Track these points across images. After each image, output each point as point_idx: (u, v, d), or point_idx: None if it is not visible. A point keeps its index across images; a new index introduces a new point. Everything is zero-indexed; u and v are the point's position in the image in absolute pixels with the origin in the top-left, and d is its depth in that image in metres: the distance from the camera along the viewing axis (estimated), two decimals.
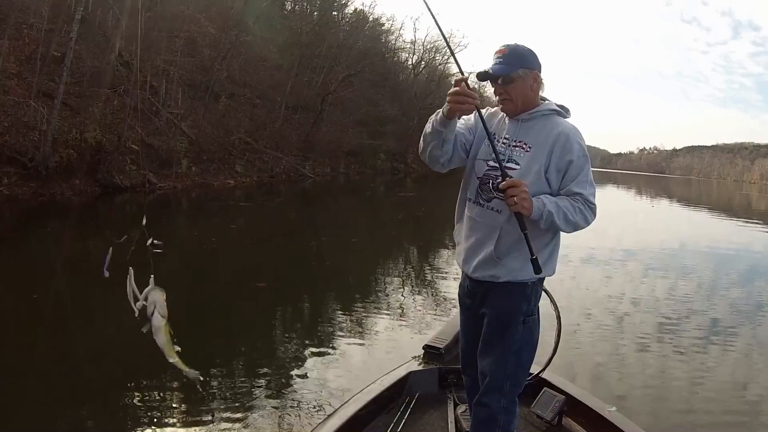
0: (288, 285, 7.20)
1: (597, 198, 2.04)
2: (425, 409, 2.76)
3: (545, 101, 2.08)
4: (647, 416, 3.98)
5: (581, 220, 1.97)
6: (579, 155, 1.99)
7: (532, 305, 2.08)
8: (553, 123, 2.03)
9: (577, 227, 1.99)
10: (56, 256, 8.18)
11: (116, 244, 1.60)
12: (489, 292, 2.08)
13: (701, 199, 45.65)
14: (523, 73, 2.00)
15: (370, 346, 5.14)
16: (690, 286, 8.79)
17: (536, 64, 2.04)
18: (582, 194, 1.97)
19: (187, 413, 3.62)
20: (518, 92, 2.02)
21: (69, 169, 13.39)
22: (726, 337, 6.11)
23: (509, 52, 2.00)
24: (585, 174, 2.00)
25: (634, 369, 5.00)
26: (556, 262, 2.13)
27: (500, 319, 2.06)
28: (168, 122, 16.60)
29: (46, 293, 6.00)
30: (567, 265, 9.37)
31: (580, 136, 2.03)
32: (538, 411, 2.75)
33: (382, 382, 2.80)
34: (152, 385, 3.94)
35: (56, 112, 12.98)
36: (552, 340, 2.92)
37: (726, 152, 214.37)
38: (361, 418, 2.53)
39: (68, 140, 13.50)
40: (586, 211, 1.97)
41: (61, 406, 3.65)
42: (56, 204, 12.02)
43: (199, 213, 13.98)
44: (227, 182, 18.60)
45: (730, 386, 4.78)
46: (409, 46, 45.84)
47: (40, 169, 12.61)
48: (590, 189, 2.00)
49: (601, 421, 2.60)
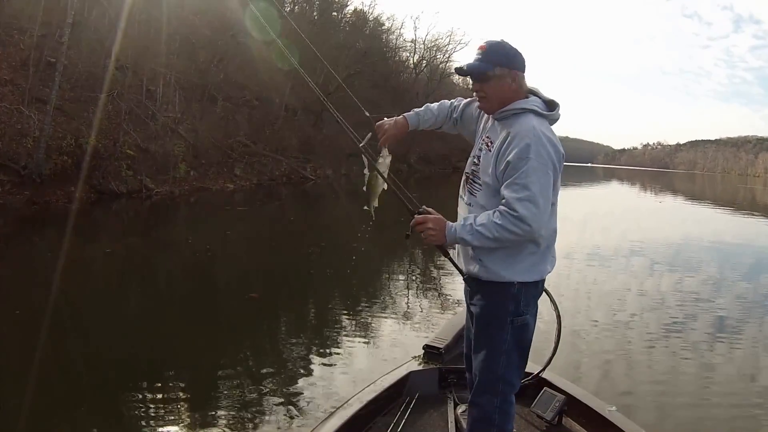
0: (286, 288, 7.09)
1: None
2: (425, 409, 2.75)
3: (528, 98, 2.00)
4: (651, 416, 3.95)
5: (506, 234, 1.86)
6: (518, 156, 1.86)
7: (522, 306, 2.01)
8: (518, 122, 1.94)
9: (504, 241, 1.89)
10: (51, 264, 7.85)
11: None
12: (477, 289, 2.08)
13: (706, 194, 45.34)
14: (501, 72, 1.96)
15: (371, 346, 5.14)
16: (699, 282, 8.73)
17: (517, 63, 1.99)
18: (507, 199, 1.86)
19: (188, 414, 3.65)
20: (494, 91, 1.98)
21: (63, 175, 13.14)
22: (732, 334, 6.07)
23: (488, 49, 1.96)
24: (520, 176, 1.85)
25: (638, 367, 4.96)
26: (544, 265, 2.05)
27: (486, 319, 2.05)
28: (164, 126, 16.29)
29: (37, 303, 5.85)
30: (572, 261, 9.49)
31: (532, 137, 1.87)
32: (538, 411, 2.74)
33: (382, 382, 2.81)
34: (152, 387, 3.97)
35: (49, 118, 12.72)
36: (552, 340, 2.90)
37: (729, 146, 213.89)
38: (362, 418, 2.55)
39: (62, 146, 13.26)
40: (507, 222, 1.85)
41: (62, 411, 3.67)
42: (51, 212, 11.76)
43: (197, 218, 13.69)
44: (226, 186, 18.29)
45: (735, 385, 4.73)
46: (410, 45, 45.61)
47: (33, 177, 12.42)
48: (521, 192, 1.84)
49: (601, 421, 2.59)
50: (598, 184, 52.03)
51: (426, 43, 45.19)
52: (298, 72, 2.45)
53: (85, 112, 14.96)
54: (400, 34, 46.82)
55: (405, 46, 45.80)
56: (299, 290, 7.12)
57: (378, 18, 41.18)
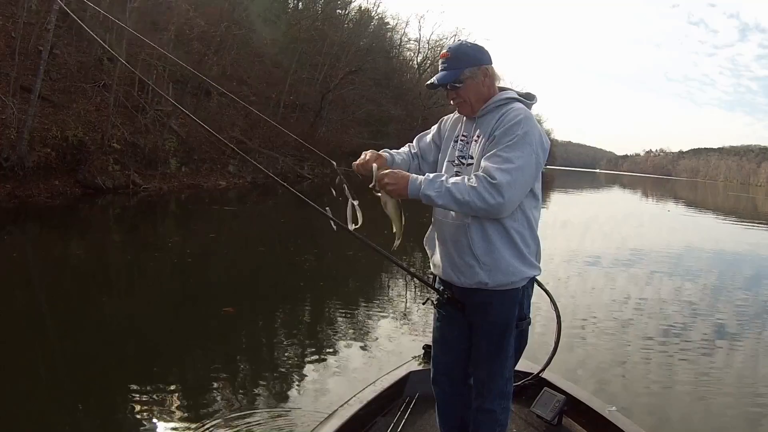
0: (286, 291, 6.86)
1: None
2: (425, 409, 2.72)
3: (504, 91, 1.99)
4: (650, 416, 3.95)
5: (476, 201, 1.78)
6: (506, 130, 1.84)
7: (525, 308, 2.04)
8: (504, 110, 1.93)
9: (470, 208, 1.81)
10: (33, 261, 7.76)
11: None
12: (477, 299, 1.98)
13: (711, 203, 44.95)
14: (471, 73, 1.95)
15: (371, 346, 5.12)
16: (699, 287, 8.71)
17: (484, 58, 1.97)
18: (485, 167, 1.81)
19: (187, 414, 3.61)
20: (470, 92, 1.97)
21: (48, 169, 12.71)
22: (731, 337, 6.08)
23: (452, 55, 1.96)
24: (505, 149, 1.81)
25: (638, 368, 4.96)
26: (539, 256, 2.04)
27: (496, 330, 2.00)
28: (155, 120, 15.77)
29: (21, 301, 5.79)
30: (573, 265, 9.57)
31: (524, 116, 1.86)
32: (538, 411, 2.74)
33: (382, 382, 2.83)
34: (152, 389, 3.93)
35: (33, 108, 12.22)
36: (552, 340, 2.88)
37: (732, 155, 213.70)
38: (362, 418, 2.56)
39: (47, 138, 12.80)
40: (482, 188, 1.77)
41: (57, 411, 3.62)
42: (33, 206, 11.29)
43: (183, 217, 13.18)
44: (218, 183, 17.75)
45: (735, 386, 4.72)
46: (414, 44, 45.14)
47: (16, 169, 11.95)
48: (503, 164, 1.78)
49: (601, 421, 2.60)
50: (601, 190, 51.72)
51: (430, 43, 44.69)
52: (298, 68, 2.07)
53: (74, 104, 14.49)
54: (405, 33, 46.35)
55: (409, 45, 45.38)
56: (299, 290, 6.93)
57: (382, 17, 40.75)
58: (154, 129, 15.52)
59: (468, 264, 1.93)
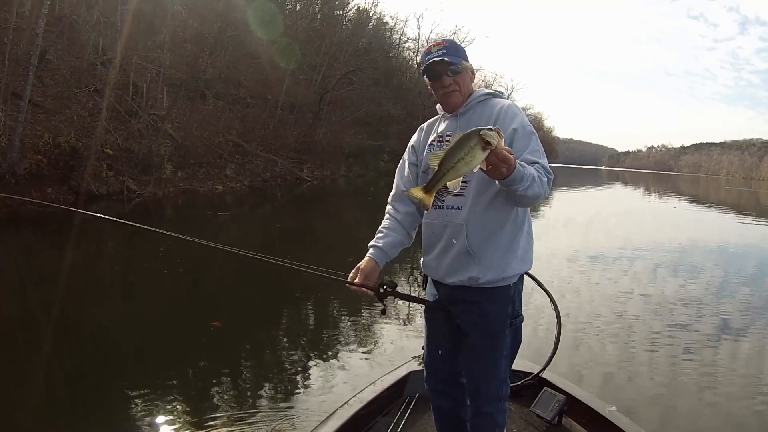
0: (285, 293, 6.84)
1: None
2: (425, 409, 2.68)
3: (477, 89, 2.08)
4: (651, 416, 3.94)
5: (542, 190, 1.81)
6: (522, 124, 1.92)
7: (517, 306, 2.04)
8: (491, 103, 2.01)
9: (537, 198, 1.81)
10: (26, 270, 7.70)
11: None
12: (469, 298, 1.98)
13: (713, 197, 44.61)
14: (466, 65, 2.04)
15: (371, 346, 5.12)
16: (701, 285, 8.55)
17: (467, 56, 2.07)
18: (540, 163, 1.85)
19: (187, 415, 3.61)
20: (464, 82, 2.03)
21: (40, 176, 12.46)
22: (734, 335, 6.02)
23: (450, 44, 2.03)
24: (536, 143, 1.90)
25: (638, 367, 4.93)
26: (532, 251, 2.06)
27: (489, 329, 1.99)
28: (149, 124, 15.47)
29: (6, 313, 5.69)
30: (574, 263, 9.51)
31: (519, 112, 1.96)
32: (538, 411, 2.73)
33: (382, 382, 2.83)
34: (151, 390, 3.92)
35: (23, 115, 11.96)
36: (552, 340, 2.87)
37: (734, 149, 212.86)
38: (362, 418, 2.57)
39: (39, 145, 12.54)
40: (547, 180, 1.83)
41: (51, 421, 3.61)
42: (25, 214, 11.07)
43: (177, 223, 12.87)
44: (215, 188, 17.46)
45: (736, 386, 4.66)
46: (413, 43, 44.88)
47: (8, 177, 11.73)
48: (545, 159, 1.89)
49: (601, 421, 2.59)
50: (604, 186, 51.46)
51: (430, 42, 44.37)
52: (296, 69, 1.82)
53: (66, 109, 14.24)
54: (404, 32, 46.09)
55: (408, 45, 45.12)
56: (298, 291, 6.82)
57: (380, 16, 40.49)
58: (148, 133, 15.23)
59: (461, 261, 1.95)
